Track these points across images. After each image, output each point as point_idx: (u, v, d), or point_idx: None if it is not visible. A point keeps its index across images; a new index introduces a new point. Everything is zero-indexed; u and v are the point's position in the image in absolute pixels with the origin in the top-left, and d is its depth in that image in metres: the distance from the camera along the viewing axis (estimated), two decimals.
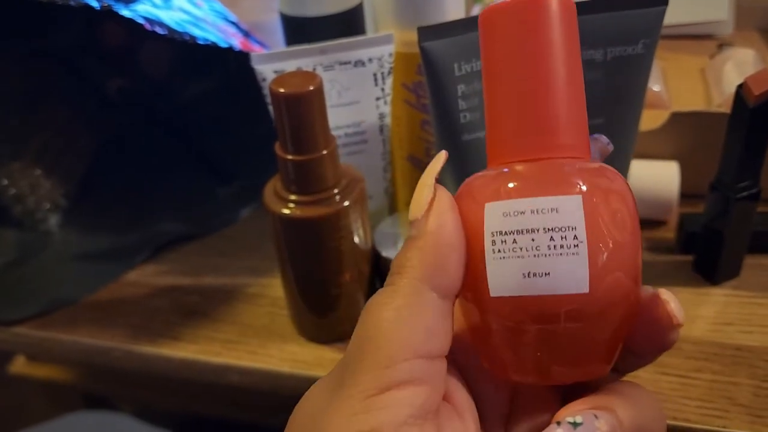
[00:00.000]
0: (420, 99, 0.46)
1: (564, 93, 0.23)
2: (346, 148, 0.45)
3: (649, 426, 0.22)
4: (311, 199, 0.38)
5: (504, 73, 0.24)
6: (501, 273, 0.22)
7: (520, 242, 0.22)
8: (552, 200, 0.22)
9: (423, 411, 0.21)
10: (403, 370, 0.20)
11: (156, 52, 0.62)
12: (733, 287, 0.44)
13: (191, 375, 0.45)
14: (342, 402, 0.21)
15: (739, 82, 0.40)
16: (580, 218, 0.21)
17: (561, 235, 0.21)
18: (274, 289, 0.49)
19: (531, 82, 0.23)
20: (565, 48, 0.24)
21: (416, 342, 0.21)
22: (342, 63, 0.43)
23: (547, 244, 0.21)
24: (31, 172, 0.55)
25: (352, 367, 0.21)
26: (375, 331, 0.21)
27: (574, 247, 0.21)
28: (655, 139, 0.49)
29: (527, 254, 0.21)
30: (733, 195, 0.42)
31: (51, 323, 0.48)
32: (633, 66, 0.39)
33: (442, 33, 0.38)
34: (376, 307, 0.22)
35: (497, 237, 0.22)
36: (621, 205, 0.22)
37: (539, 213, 0.22)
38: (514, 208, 0.22)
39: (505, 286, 0.22)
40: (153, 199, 0.58)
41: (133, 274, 0.52)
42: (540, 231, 0.21)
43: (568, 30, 0.24)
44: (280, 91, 0.36)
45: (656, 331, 0.23)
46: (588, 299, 0.21)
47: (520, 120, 0.23)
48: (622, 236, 0.22)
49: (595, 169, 0.23)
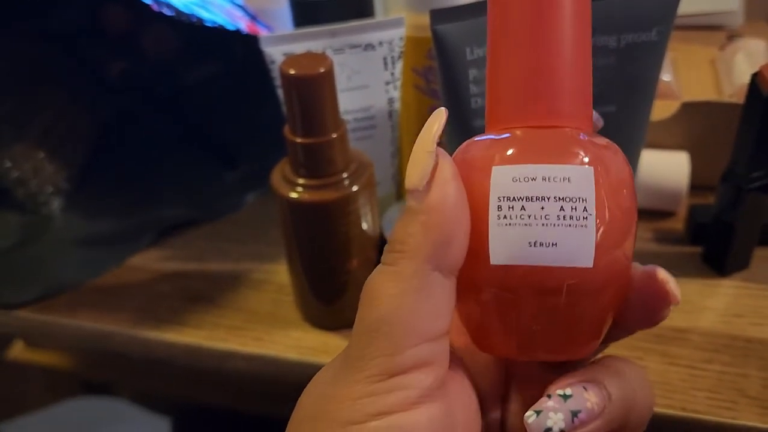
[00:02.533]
0: (430, 84, 0.46)
1: (572, 62, 0.22)
2: (355, 133, 0.45)
3: (638, 398, 0.23)
4: (320, 183, 0.38)
5: (512, 34, 0.23)
6: (505, 240, 0.21)
7: (528, 209, 0.21)
8: (565, 169, 0.21)
9: (431, 390, 0.21)
10: (411, 356, 0.20)
11: (160, 35, 0.61)
12: (743, 279, 0.44)
13: (195, 361, 0.44)
14: (348, 387, 0.20)
15: (750, 73, 0.40)
16: (591, 190, 0.21)
17: (572, 205, 0.20)
18: (279, 275, 0.48)
19: (541, 47, 0.22)
20: (577, 18, 0.23)
21: (422, 327, 0.20)
22: (352, 46, 0.43)
23: (557, 214, 0.21)
24: (34, 155, 0.54)
25: (357, 352, 0.21)
26: (379, 316, 0.20)
27: (583, 219, 0.20)
28: (665, 129, 0.49)
29: (535, 223, 0.21)
30: (744, 186, 0.41)
31: (53, 307, 0.47)
32: (646, 53, 0.39)
33: (454, 16, 0.37)
34: (378, 290, 0.21)
35: (504, 202, 0.21)
36: (624, 181, 0.22)
37: (551, 181, 0.21)
38: (525, 174, 0.21)
39: (508, 254, 0.21)
40: (157, 184, 0.57)
41: (136, 258, 0.51)
42: (551, 199, 0.21)
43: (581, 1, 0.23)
44: (290, 73, 0.35)
45: (650, 308, 0.22)
46: (591, 274, 0.21)
47: (525, 84, 0.22)
48: (623, 213, 0.21)
49: (602, 143, 0.22)
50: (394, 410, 0.20)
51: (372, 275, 0.21)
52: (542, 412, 0.21)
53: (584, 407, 0.21)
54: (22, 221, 0.54)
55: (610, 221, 0.21)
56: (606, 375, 0.22)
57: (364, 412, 0.20)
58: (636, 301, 0.23)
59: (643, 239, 0.48)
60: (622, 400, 0.22)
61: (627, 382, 0.23)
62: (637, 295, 0.22)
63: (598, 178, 0.21)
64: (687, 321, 0.41)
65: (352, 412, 0.20)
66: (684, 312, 0.42)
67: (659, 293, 0.22)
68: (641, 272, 0.22)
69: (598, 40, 0.39)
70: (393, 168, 0.48)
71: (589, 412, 0.21)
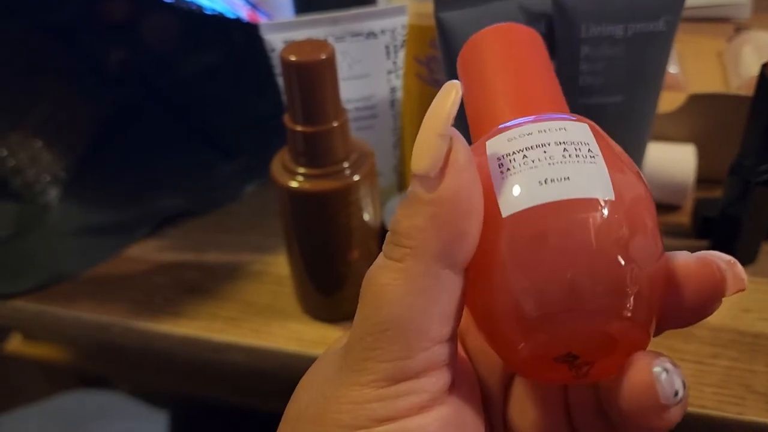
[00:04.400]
0: (432, 73, 0.45)
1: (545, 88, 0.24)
2: (356, 122, 0.44)
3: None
4: (320, 172, 0.37)
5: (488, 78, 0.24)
6: (513, 187, 0.19)
7: (531, 156, 0.19)
8: (560, 122, 0.20)
9: (442, 392, 0.19)
10: (422, 360, 0.19)
11: (159, 25, 0.61)
12: (751, 273, 0.43)
13: (193, 352, 0.44)
14: (351, 389, 0.19)
15: (758, 65, 0.39)
16: (591, 137, 0.20)
17: (575, 147, 0.19)
18: (278, 266, 0.47)
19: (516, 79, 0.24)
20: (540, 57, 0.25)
21: (434, 329, 0.19)
22: (353, 34, 0.42)
23: (561, 154, 0.19)
24: (32, 144, 0.53)
25: (361, 354, 0.19)
26: (387, 317, 0.19)
27: (591, 157, 0.19)
28: (671, 122, 0.48)
29: (541, 164, 0.19)
30: (752, 179, 0.41)
31: (49, 298, 0.47)
32: (654, 43, 0.38)
33: (458, 3, 0.37)
34: (384, 288, 0.19)
35: (504, 159, 0.20)
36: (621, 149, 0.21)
37: (547, 132, 0.20)
38: (519, 132, 0.20)
39: (520, 199, 0.19)
40: (155, 174, 0.57)
41: (134, 249, 0.50)
42: (552, 144, 0.19)
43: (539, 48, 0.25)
44: (291, 60, 0.34)
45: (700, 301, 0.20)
46: (616, 207, 0.18)
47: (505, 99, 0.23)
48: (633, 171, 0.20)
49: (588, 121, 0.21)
50: (403, 415, 0.19)
51: (374, 270, 0.19)
52: (670, 372, 0.18)
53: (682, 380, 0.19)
54: (19, 211, 0.54)
55: (623, 165, 0.19)
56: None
57: (370, 417, 0.19)
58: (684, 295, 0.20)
59: None
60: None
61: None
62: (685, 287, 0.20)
63: (596, 134, 0.20)
64: None
65: (357, 418, 0.19)
66: None
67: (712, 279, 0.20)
68: (694, 259, 0.20)
69: (605, 30, 0.38)
70: (395, 158, 0.47)
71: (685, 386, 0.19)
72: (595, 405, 0.22)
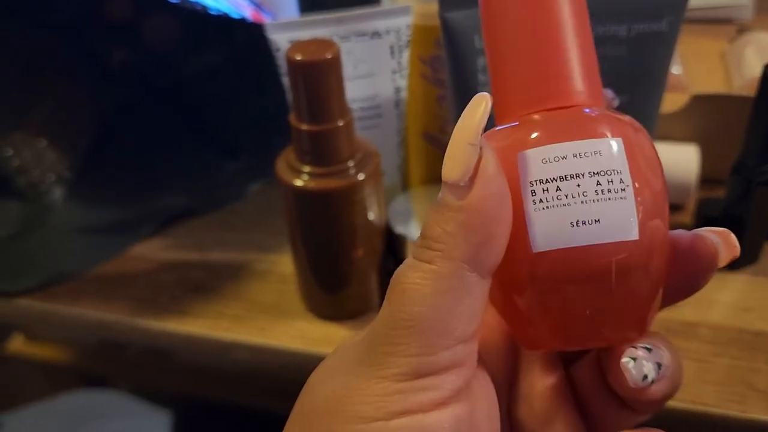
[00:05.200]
0: (436, 74, 0.45)
1: (576, 42, 0.22)
2: (361, 122, 0.44)
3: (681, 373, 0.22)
4: (325, 171, 0.37)
5: (512, 22, 0.22)
6: (546, 224, 0.20)
7: (564, 189, 0.20)
8: (594, 143, 0.20)
9: (459, 390, 0.20)
10: (445, 357, 0.19)
11: (163, 24, 0.61)
12: (753, 273, 0.44)
13: (198, 351, 0.44)
14: (372, 382, 0.20)
15: (760, 66, 0.40)
16: (624, 161, 0.20)
17: (608, 179, 0.20)
18: (282, 265, 0.48)
19: (542, 29, 0.22)
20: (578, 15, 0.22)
21: (458, 329, 0.19)
22: (358, 34, 0.42)
23: (594, 189, 0.20)
24: (36, 144, 0.54)
25: (385, 348, 0.20)
26: (414, 314, 0.19)
27: (621, 191, 0.20)
28: (674, 122, 0.49)
29: (574, 201, 0.20)
30: (755, 179, 0.41)
31: (54, 296, 0.47)
32: (657, 44, 0.39)
33: (463, 4, 0.37)
34: (412, 286, 0.19)
35: (537, 186, 0.20)
36: (651, 151, 0.21)
37: (583, 156, 0.20)
38: (554, 154, 0.20)
39: (551, 238, 0.20)
40: (159, 173, 0.57)
41: (139, 248, 0.51)
42: (585, 175, 0.20)
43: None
44: (297, 59, 0.35)
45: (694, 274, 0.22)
46: (638, 247, 0.20)
47: (532, 69, 0.22)
48: (656, 182, 0.21)
49: (623, 118, 0.21)
50: (421, 410, 0.19)
51: (403, 269, 0.20)
52: (638, 360, 0.21)
53: (663, 362, 0.21)
54: (24, 210, 0.54)
55: (647, 191, 0.20)
56: (661, 339, 0.22)
57: (389, 410, 0.19)
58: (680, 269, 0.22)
59: None
60: (678, 365, 0.22)
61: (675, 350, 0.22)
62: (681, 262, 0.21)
63: (628, 149, 0.20)
64: (696, 314, 0.41)
65: (376, 409, 0.19)
66: (693, 305, 0.42)
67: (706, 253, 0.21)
68: (690, 235, 0.22)
69: (608, 30, 0.38)
70: (399, 158, 0.47)
71: (665, 368, 0.21)
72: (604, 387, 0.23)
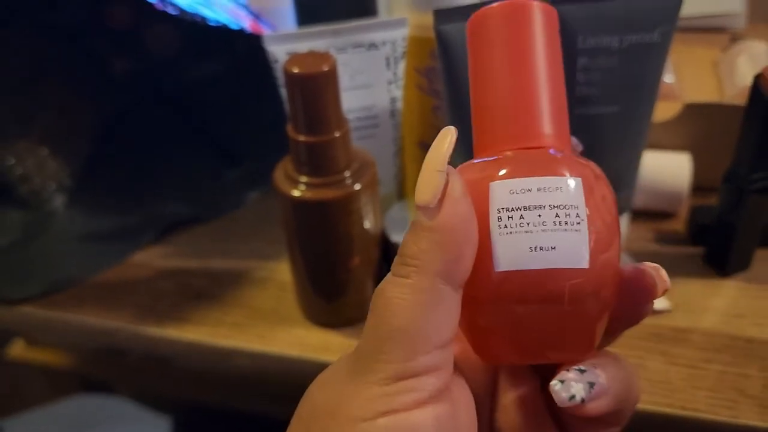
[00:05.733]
0: (432, 84, 0.46)
1: (549, 89, 0.25)
2: (357, 132, 0.45)
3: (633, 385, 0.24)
4: (322, 181, 0.38)
5: (493, 68, 0.25)
6: (508, 247, 0.22)
7: (527, 218, 0.22)
8: (556, 180, 0.23)
9: (438, 392, 0.22)
10: (423, 362, 0.21)
11: (163, 34, 0.61)
12: (745, 280, 0.44)
13: (198, 358, 0.44)
14: (361, 386, 0.22)
15: (753, 75, 0.40)
16: (581, 198, 0.22)
17: (566, 212, 0.22)
18: (281, 273, 0.48)
19: (520, 77, 0.24)
20: (548, 48, 0.25)
21: (434, 336, 0.22)
22: (355, 46, 0.43)
23: (553, 220, 0.22)
24: (38, 152, 0.54)
25: (371, 356, 0.22)
26: (395, 326, 0.21)
27: (576, 224, 0.22)
28: (667, 131, 0.49)
29: (535, 229, 0.22)
30: (746, 187, 0.42)
31: (56, 303, 0.47)
32: (649, 54, 0.39)
33: (458, 16, 0.37)
34: (393, 300, 0.22)
35: (504, 213, 0.23)
36: (606, 190, 0.23)
37: (546, 191, 0.22)
38: (521, 186, 0.23)
39: (512, 260, 0.22)
40: (160, 181, 0.57)
41: (139, 255, 0.51)
42: (546, 207, 0.22)
43: (550, 32, 0.26)
44: (294, 72, 0.35)
45: (638, 303, 0.24)
46: (588, 275, 0.22)
47: (509, 112, 0.25)
48: (609, 219, 0.23)
49: (581, 161, 0.24)
50: (404, 409, 0.21)
51: (384, 285, 0.22)
52: (565, 382, 0.23)
53: (597, 381, 0.23)
54: (26, 217, 0.54)
55: (600, 226, 0.23)
56: (607, 360, 0.24)
57: (375, 410, 0.21)
58: (626, 299, 0.24)
59: (645, 240, 0.48)
60: (623, 384, 0.24)
61: (624, 368, 0.24)
62: (627, 292, 0.24)
63: (586, 187, 0.23)
64: (688, 321, 0.42)
65: (365, 411, 0.21)
66: (685, 312, 0.42)
67: (647, 286, 0.23)
68: (630, 270, 0.24)
69: (601, 41, 0.39)
70: (395, 167, 0.48)
71: (600, 386, 0.23)
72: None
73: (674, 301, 0.43)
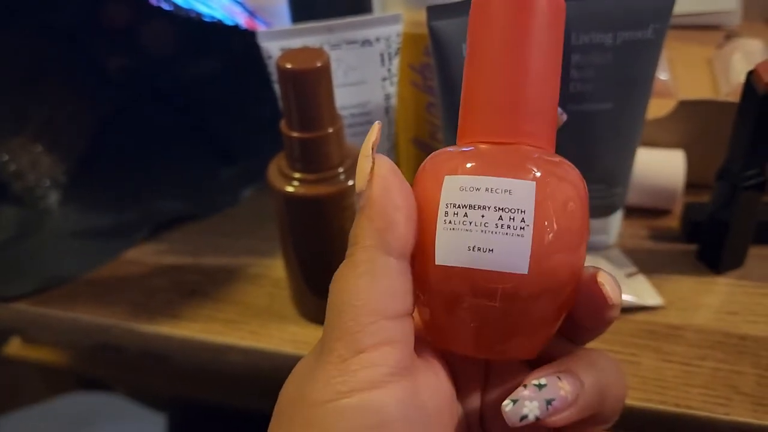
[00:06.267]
0: (426, 81, 0.46)
1: (540, 83, 0.24)
2: (351, 128, 0.45)
3: (611, 388, 0.24)
4: (316, 177, 0.38)
5: (486, 53, 0.24)
6: (448, 243, 0.23)
7: (470, 216, 0.22)
8: (507, 182, 0.22)
9: (398, 368, 0.22)
10: (371, 333, 0.22)
11: (159, 30, 0.61)
12: (738, 277, 0.44)
13: (191, 354, 0.44)
14: (320, 370, 0.22)
15: (747, 72, 0.40)
16: (530, 203, 0.22)
17: (510, 216, 0.22)
18: (275, 269, 0.48)
19: (511, 67, 0.24)
20: (549, 42, 0.24)
21: (379, 305, 0.22)
22: (349, 42, 0.43)
23: (495, 222, 0.22)
24: (32, 149, 0.54)
25: (326, 337, 0.22)
26: (340, 301, 0.22)
27: (520, 229, 0.22)
28: (661, 128, 0.49)
29: (475, 229, 0.22)
30: (739, 184, 0.42)
31: (50, 300, 0.47)
32: (642, 51, 0.39)
33: (451, 13, 0.37)
34: (338, 279, 0.23)
35: (450, 209, 0.23)
36: (572, 195, 0.23)
37: (493, 192, 0.22)
38: (470, 184, 0.23)
39: (450, 256, 0.23)
40: (154, 178, 0.57)
41: (133, 252, 0.51)
42: (491, 209, 0.22)
43: (554, 26, 0.24)
44: (287, 67, 0.35)
45: (596, 310, 0.24)
46: (526, 281, 0.22)
47: (493, 102, 0.24)
48: (569, 226, 0.23)
49: (554, 161, 0.23)
50: (364, 387, 0.21)
51: (337, 269, 0.23)
52: (518, 401, 0.23)
53: (558, 396, 0.23)
54: (20, 214, 0.54)
55: (551, 233, 0.22)
56: (580, 365, 0.24)
57: (336, 390, 0.21)
58: (584, 303, 0.24)
59: (639, 237, 0.48)
60: (596, 389, 0.24)
61: (600, 372, 0.24)
62: (584, 297, 0.24)
63: (541, 193, 0.22)
64: (681, 318, 0.42)
65: (326, 392, 0.21)
66: (679, 309, 0.42)
67: (599, 295, 0.23)
68: (586, 275, 0.24)
69: (594, 38, 0.39)
70: None
71: (562, 400, 0.23)
72: None
73: (667, 298, 0.43)
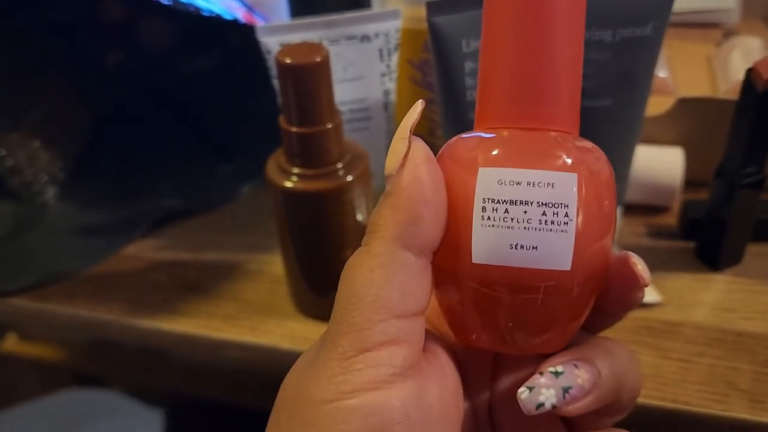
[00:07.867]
0: (425, 77, 0.46)
1: (562, 67, 0.23)
2: (350, 124, 0.45)
3: (628, 377, 0.23)
4: (314, 172, 0.38)
5: (506, 37, 0.23)
6: (488, 240, 0.22)
7: (512, 213, 0.21)
8: (549, 175, 0.21)
9: (402, 369, 0.21)
10: (380, 331, 0.21)
11: (157, 26, 0.61)
12: (736, 274, 0.44)
13: (190, 350, 0.44)
14: (323, 366, 0.21)
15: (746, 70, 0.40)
16: (573, 197, 0.21)
17: (554, 211, 0.21)
18: (274, 266, 0.48)
19: (533, 51, 0.22)
20: (571, 26, 0.23)
21: (391, 303, 0.21)
22: (348, 38, 0.43)
23: (538, 219, 0.21)
24: (30, 144, 0.54)
25: (331, 330, 0.21)
26: (350, 294, 0.21)
27: (564, 224, 0.21)
28: (660, 125, 0.49)
29: (518, 226, 0.21)
30: (737, 181, 0.42)
31: (49, 296, 0.47)
32: (642, 48, 0.39)
33: (451, 8, 0.37)
34: (351, 269, 0.22)
35: (488, 204, 0.22)
36: (606, 184, 0.22)
37: (536, 186, 0.21)
38: (510, 177, 0.21)
39: (490, 253, 0.22)
40: (152, 174, 0.57)
41: (132, 248, 0.51)
42: (534, 204, 0.21)
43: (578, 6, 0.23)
44: (286, 62, 0.35)
45: (626, 292, 0.23)
46: (568, 276, 0.21)
47: (515, 86, 0.23)
48: (602, 214, 0.22)
49: (586, 147, 0.23)
50: (367, 388, 0.20)
51: (350, 257, 0.22)
52: (534, 389, 0.22)
53: (575, 383, 0.22)
54: (17, 210, 0.54)
55: (590, 224, 0.22)
56: (597, 353, 0.23)
57: (338, 390, 0.20)
58: (612, 285, 0.23)
59: (637, 234, 0.48)
60: (613, 378, 0.23)
61: (617, 360, 0.23)
62: (613, 281, 0.23)
63: (581, 183, 0.21)
64: (679, 315, 0.42)
65: (327, 391, 0.20)
66: (677, 306, 0.42)
67: (631, 276, 0.23)
68: (616, 258, 0.23)
69: (594, 35, 0.39)
70: None
71: (579, 389, 0.22)
72: None
73: (666, 294, 0.43)
